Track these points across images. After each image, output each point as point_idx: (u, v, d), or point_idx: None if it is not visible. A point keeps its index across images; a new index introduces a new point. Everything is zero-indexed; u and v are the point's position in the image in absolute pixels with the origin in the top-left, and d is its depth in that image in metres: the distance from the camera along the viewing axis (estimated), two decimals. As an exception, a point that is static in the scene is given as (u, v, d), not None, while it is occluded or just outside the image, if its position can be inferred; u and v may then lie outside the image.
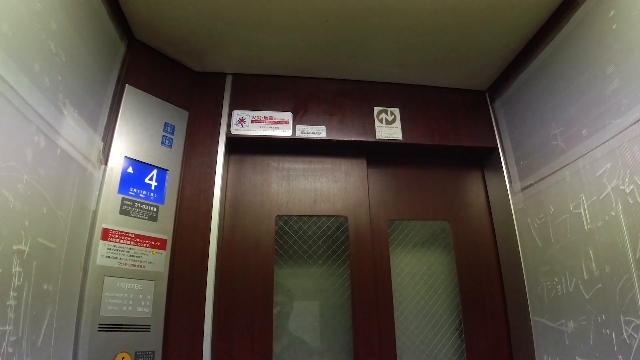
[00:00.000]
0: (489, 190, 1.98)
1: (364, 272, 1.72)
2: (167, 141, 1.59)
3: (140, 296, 1.38)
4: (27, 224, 0.97)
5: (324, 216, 1.81)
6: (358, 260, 1.73)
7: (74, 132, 1.21)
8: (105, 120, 1.44)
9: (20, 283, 0.94)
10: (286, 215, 1.79)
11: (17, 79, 0.95)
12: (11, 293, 0.91)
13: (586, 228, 1.36)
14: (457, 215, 1.93)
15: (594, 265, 1.32)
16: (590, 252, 1.34)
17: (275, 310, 1.65)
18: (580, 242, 1.39)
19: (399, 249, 1.89)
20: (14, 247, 0.92)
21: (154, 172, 1.52)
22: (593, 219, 1.33)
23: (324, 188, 1.83)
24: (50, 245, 1.08)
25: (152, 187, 1.50)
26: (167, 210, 1.52)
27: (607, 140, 1.28)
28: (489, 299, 1.82)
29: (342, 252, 1.78)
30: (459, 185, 2.00)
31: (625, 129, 1.21)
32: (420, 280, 1.87)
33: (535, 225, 1.62)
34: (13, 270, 0.91)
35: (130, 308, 1.34)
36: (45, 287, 1.06)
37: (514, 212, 1.76)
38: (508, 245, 1.80)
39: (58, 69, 1.14)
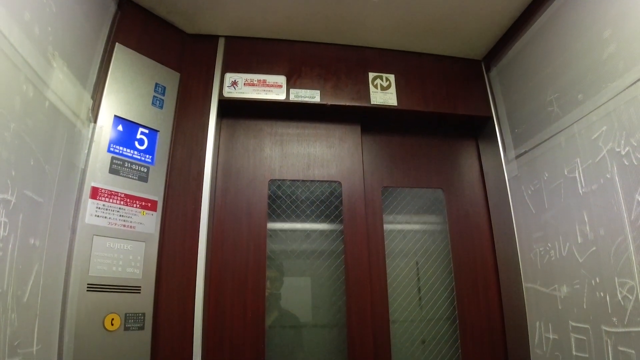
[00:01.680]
0: (482, 160, 1.97)
1: (357, 237, 1.71)
2: (157, 102, 1.55)
3: (131, 257, 1.36)
4: (13, 173, 0.94)
5: (318, 181, 1.79)
6: (351, 226, 1.72)
7: (62, 86, 1.18)
8: (95, 77, 1.40)
9: (6, 234, 0.92)
10: (279, 180, 1.77)
11: (7, 25, 0.93)
12: (-4, 244, 0.89)
13: (581, 192, 1.35)
14: (450, 183, 1.93)
15: (588, 228, 1.32)
16: (585, 216, 1.33)
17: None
18: (574, 206, 1.38)
19: (392, 215, 1.89)
20: (0, 197, 0.89)
21: (145, 132, 1.49)
22: (588, 182, 1.33)
23: (317, 153, 1.81)
24: (37, 199, 1.05)
25: (143, 148, 1.47)
26: (158, 172, 1.50)
27: (603, 104, 1.27)
28: (481, 267, 1.83)
29: (335, 217, 1.77)
30: (453, 154, 1.99)
31: (622, 91, 1.21)
32: (413, 247, 1.86)
33: (529, 192, 1.61)
34: (-1, 219, 0.89)
35: (120, 269, 1.32)
36: (32, 241, 1.03)
37: (508, 180, 1.75)
38: (501, 213, 1.80)
39: (48, 19, 1.11)
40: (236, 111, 1.80)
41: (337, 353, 1.67)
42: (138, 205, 1.41)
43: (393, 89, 1.83)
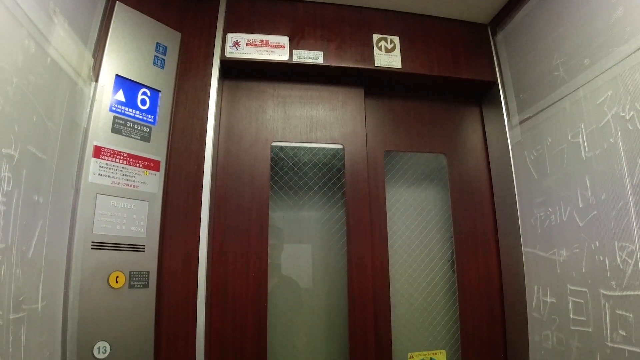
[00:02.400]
0: (486, 126, 1.96)
1: (359, 201, 1.72)
2: (159, 62, 1.54)
3: (134, 216, 1.37)
4: (16, 129, 0.94)
5: (321, 144, 1.79)
6: (353, 190, 1.72)
7: (64, 43, 1.16)
8: (96, 36, 1.38)
9: (9, 189, 0.92)
10: (282, 142, 1.76)
11: (10, -21, 0.92)
12: (0, 198, 0.89)
13: (584, 157, 1.35)
14: (453, 149, 1.92)
15: (589, 193, 1.32)
16: (587, 180, 1.33)
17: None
18: (577, 171, 1.38)
19: (393, 180, 1.89)
20: (3, 151, 0.89)
21: (146, 92, 1.48)
22: (591, 147, 1.32)
23: (320, 116, 1.80)
24: (40, 155, 1.05)
25: (145, 108, 1.46)
26: (160, 132, 1.49)
27: (609, 68, 1.26)
28: (482, 232, 1.84)
29: (337, 180, 1.78)
30: (456, 120, 1.98)
31: (628, 56, 1.20)
32: (414, 211, 1.88)
33: (532, 158, 1.61)
34: (2, 174, 0.89)
35: (124, 227, 1.34)
36: (36, 198, 1.04)
37: (511, 145, 1.75)
38: (503, 179, 1.80)
39: (49, -26, 1.09)
40: (238, 72, 1.78)
41: (337, 316, 1.70)
42: (141, 165, 1.41)
43: (397, 51, 1.81)
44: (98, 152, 1.31)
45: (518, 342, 1.66)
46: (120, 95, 1.41)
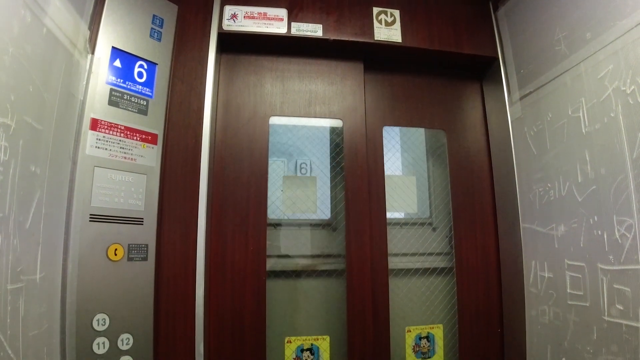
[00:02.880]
0: (486, 102, 1.95)
1: (357, 176, 1.71)
2: (155, 34, 1.51)
3: (132, 189, 1.36)
4: (12, 98, 0.93)
5: (319, 118, 1.79)
6: (352, 165, 1.72)
7: (59, 14, 1.15)
8: (92, 7, 1.36)
9: (6, 159, 0.92)
10: (280, 116, 1.75)
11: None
12: (-3, 167, 0.89)
13: (584, 131, 1.35)
14: (453, 125, 1.91)
15: (589, 167, 1.32)
16: (587, 155, 1.33)
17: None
18: (576, 146, 1.38)
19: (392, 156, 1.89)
20: (0, 120, 0.89)
21: (143, 65, 1.46)
22: (591, 121, 1.32)
23: (319, 90, 1.79)
24: (37, 126, 1.04)
25: (142, 81, 1.44)
26: (157, 105, 1.48)
27: (611, 42, 1.25)
28: (480, 208, 1.84)
29: (336, 155, 1.78)
30: (456, 96, 1.96)
31: (630, 29, 1.18)
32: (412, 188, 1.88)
33: (532, 133, 1.61)
34: (-1, 143, 0.89)
35: (122, 200, 1.33)
36: (33, 169, 1.03)
37: (511, 122, 1.74)
38: (502, 155, 1.79)
39: (43, -57, 1.07)
40: (236, 45, 1.75)
41: (336, 291, 1.71)
42: (138, 138, 1.40)
43: (398, 25, 1.78)
44: (95, 124, 1.30)
45: (515, 317, 1.67)
46: (117, 68, 1.39)
